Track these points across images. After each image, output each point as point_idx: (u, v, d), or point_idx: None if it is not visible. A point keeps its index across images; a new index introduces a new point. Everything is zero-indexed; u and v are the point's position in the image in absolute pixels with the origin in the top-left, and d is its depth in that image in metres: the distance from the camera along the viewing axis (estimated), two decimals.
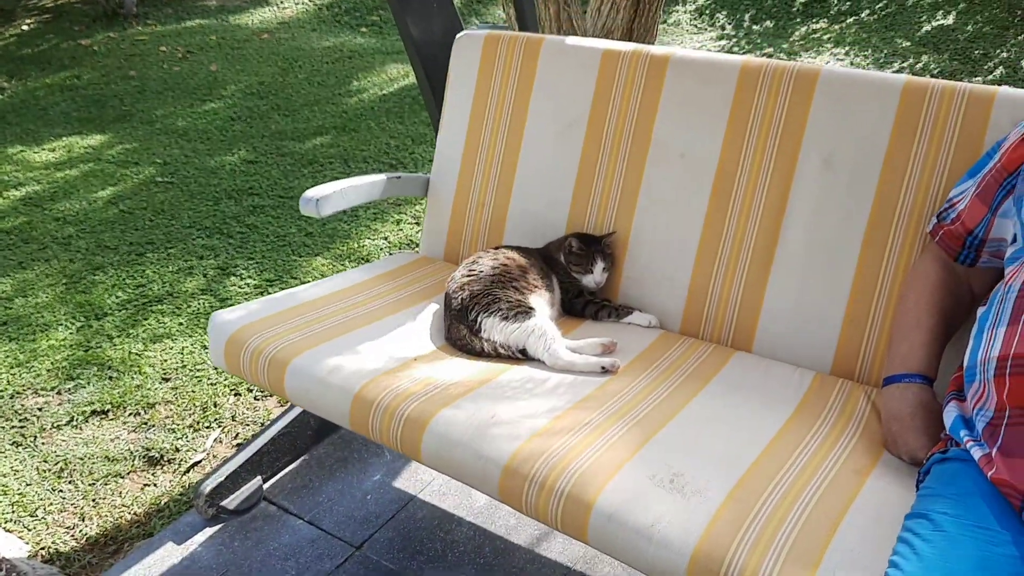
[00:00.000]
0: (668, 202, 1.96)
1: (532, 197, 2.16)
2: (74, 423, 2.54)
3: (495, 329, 1.76)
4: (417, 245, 3.47)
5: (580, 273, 1.98)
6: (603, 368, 1.69)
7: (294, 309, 1.92)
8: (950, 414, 1.36)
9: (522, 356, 1.75)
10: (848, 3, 5.87)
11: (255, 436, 2.25)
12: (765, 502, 1.32)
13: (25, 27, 7.24)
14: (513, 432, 1.48)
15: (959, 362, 1.43)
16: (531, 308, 1.81)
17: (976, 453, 1.24)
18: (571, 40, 2.11)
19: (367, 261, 3.35)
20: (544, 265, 1.99)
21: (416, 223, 3.66)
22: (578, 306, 1.98)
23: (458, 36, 2.24)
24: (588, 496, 1.35)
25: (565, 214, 2.10)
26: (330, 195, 2.06)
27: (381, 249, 3.44)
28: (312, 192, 2.04)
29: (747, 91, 1.87)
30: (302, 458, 2.31)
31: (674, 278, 1.94)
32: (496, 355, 1.76)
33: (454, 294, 1.86)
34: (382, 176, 2.24)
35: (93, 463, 2.38)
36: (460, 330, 1.80)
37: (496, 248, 2.03)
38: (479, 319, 1.78)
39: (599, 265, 1.96)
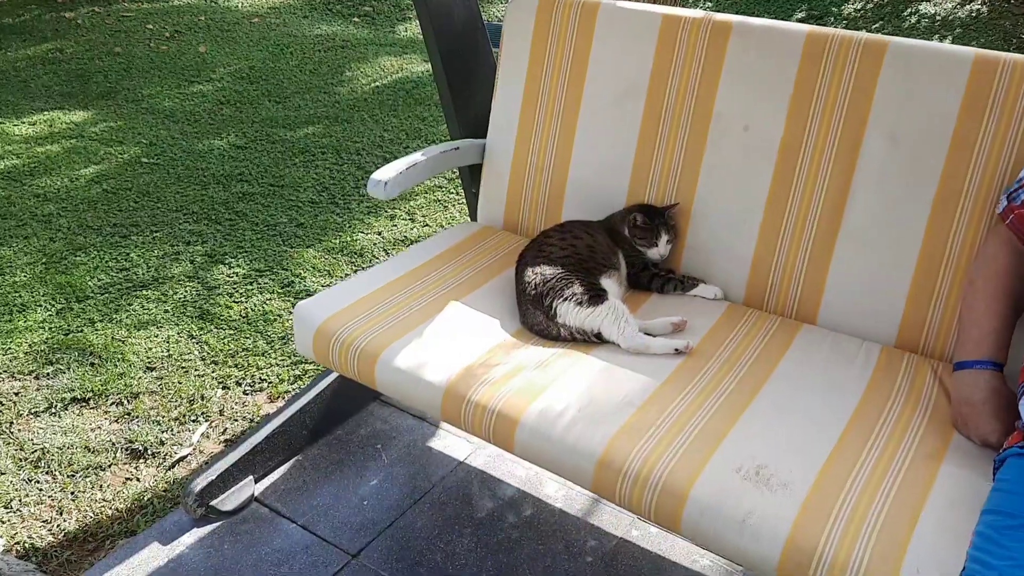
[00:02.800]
0: (731, 174, 1.95)
1: (591, 165, 2.14)
2: (53, 410, 2.43)
3: (570, 314, 1.77)
4: (411, 243, 3.39)
5: (645, 246, 1.98)
6: (676, 350, 1.72)
7: (374, 295, 1.92)
8: None
9: (597, 340, 1.76)
10: (845, 23, 5.88)
11: (249, 433, 2.16)
12: (847, 494, 1.37)
13: None
14: (602, 425, 1.52)
15: None
16: (603, 290, 1.82)
17: None
18: (629, 4, 2.08)
19: (360, 256, 3.27)
20: (608, 240, 1.98)
21: (411, 219, 3.57)
22: (644, 279, 1.98)
23: (512, 0, 2.20)
24: (680, 490, 1.40)
25: (625, 182, 2.09)
26: (396, 176, 2.04)
27: (375, 245, 3.35)
28: (380, 175, 2.03)
29: (812, 62, 1.84)
30: (296, 458, 2.22)
31: (738, 250, 1.95)
32: (572, 339, 1.77)
33: (528, 278, 1.85)
34: (438, 149, 2.21)
35: (72, 454, 2.27)
36: (536, 316, 1.81)
37: (561, 226, 2.02)
38: (554, 305, 1.78)
39: (663, 238, 1.96)
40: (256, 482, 2.12)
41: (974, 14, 5.58)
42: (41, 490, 2.16)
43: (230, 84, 5.12)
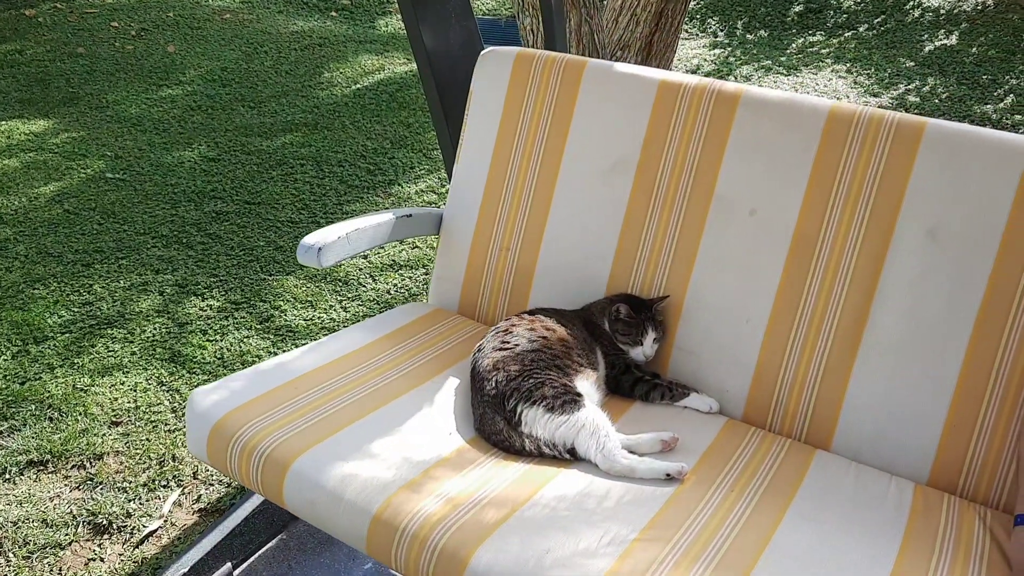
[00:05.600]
0: (733, 265, 1.69)
1: (567, 246, 1.86)
2: (7, 476, 2.18)
3: (538, 423, 1.47)
4: (400, 267, 3.15)
5: (628, 344, 1.71)
6: (668, 475, 1.42)
7: (290, 385, 1.60)
8: None
9: (570, 456, 1.46)
10: (845, 16, 5.65)
11: (226, 509, 1.92)
12: None
13: None
14: (576, 572, 1.20)
15: None
16: (579, 395, 1.52)
17: None
18: (621, 66, 1.82)
19: (345, 284, 3.02)
20: (586, 333, 1.71)
21: (399, 242, 3.33)
22: (626, 384, 1.69)
23: (483, 53, 1.92)
24: None
25: (607, 269, 1.82)
26: (333, 242, 1.74)
27: (361, 271, 3.11)
28: (312, 239, 1.72)
29: (835, 141, 1.60)
30: (279, 536, 1.98)
31: (738, 356, 1.67)
32: (539, 454, 1.47)
33: (487, 375, 1.55)
34: (389, 214, 1.91)
35: (28, 529, 2.02)
36: (496, 423, 1.51)
37: (530, 313, 1.74)
38: (519, 410, 1.48)
39: (650, 336, 1.69)
40: (235, 568, 1.88)
41: (980, 7, 5.38)
42: None
43: (201, 87, 4.84)
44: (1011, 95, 4.52)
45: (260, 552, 1.93)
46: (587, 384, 1.59)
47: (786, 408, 1.63)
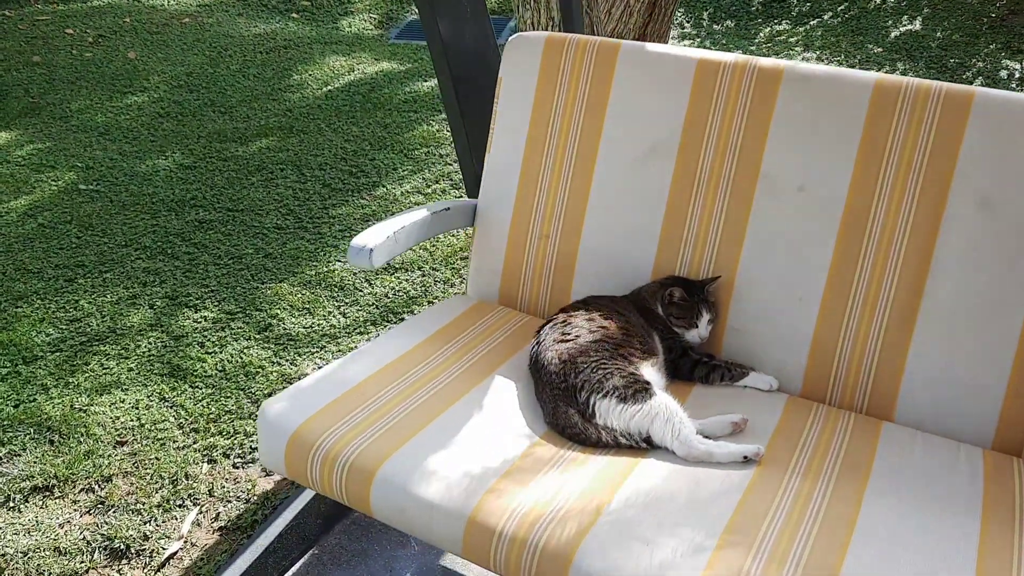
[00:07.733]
0: (784, 243, 1.69)
1: (609, 231, 1.85)
2: (11, 504, 2.09)
3: (612, 414, 1.47)
4: (396, 270, 3.09)
5: (683, 327, 1.71)
6: (746, 457, 1.44)
7: (356, 390, 1.58)
8: None
9: (646, 444, 1.47)
10: (808, 4, 5.71)
11: (256, 530, 1.86)
12: None
13: None
14: (679, 567, 1.22)
15: None
16: (648, 383, 1.52)
17: None
18: (656, 47, 1.81)
19: (341, 289, 2.95)
20: (641, 319, 1.71)
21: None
22: (685, 367, 1.70)
23: (510, 39, 1.91)
24: None
25: (652, 252, 1.81)
26: (383, 243, 1.73)
27: (356, 275, 3.04)
28: (362, 240, 1.71)
29: (882, 114, 1.60)
30: (311, 551, 1.92)
31: (793, 332, 1.68)
32: (616, 444, 1.47)
33: (555, 368, 1.55)
34: (423, 211, 1.89)
35: (41, 559, 1.94)
36: (570, 416, 1.50)
37: (584, 302, 1.74)
38: (592, 402, 1.48)
39: (704, 318, 1.70)
40: None
41: None
42: None
43: (167, 94, 4.71)
44: (979, 77, 4.61)
45: (294, 568, 1.88)
46: (651, 370, 1.60)
47: (845, 382, 1.65)
